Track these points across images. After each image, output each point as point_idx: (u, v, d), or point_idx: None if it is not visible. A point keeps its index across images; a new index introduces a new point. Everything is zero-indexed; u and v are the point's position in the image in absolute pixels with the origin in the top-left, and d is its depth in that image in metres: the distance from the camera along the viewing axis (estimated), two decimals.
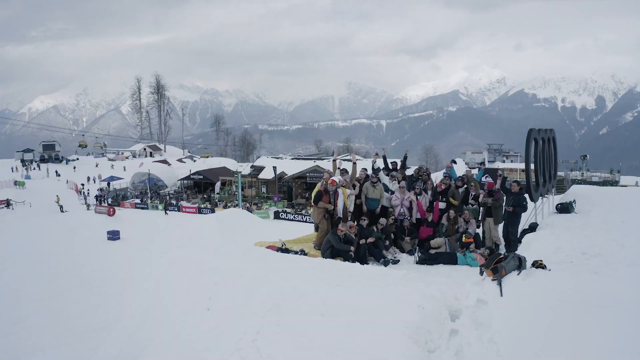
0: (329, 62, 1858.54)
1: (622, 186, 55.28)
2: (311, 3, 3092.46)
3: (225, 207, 50.63)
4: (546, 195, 12.91)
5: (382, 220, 12.01)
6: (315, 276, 6.77)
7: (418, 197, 12.46)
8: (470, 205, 12.21)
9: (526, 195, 11.46)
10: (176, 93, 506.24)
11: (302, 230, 36.86)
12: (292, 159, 64.44)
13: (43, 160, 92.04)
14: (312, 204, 11.89)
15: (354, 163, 13.71)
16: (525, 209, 11.51)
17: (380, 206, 12.41)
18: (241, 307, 6.24)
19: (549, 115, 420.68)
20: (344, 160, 59.30)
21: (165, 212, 49.98)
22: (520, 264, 6.27)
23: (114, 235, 38.69)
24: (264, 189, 56.51)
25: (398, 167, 14.69)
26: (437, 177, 58.95)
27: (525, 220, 11.98)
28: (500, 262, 6.23)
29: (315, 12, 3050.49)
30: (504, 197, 11.83)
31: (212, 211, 47.74)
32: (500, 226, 11.93)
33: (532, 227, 11.21)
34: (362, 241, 11.31)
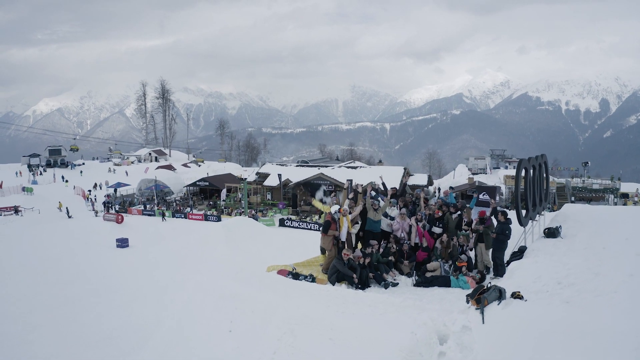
0: (333, 65, 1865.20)
1: (622, 193, 56.15)
2: (315, 6, 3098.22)
3: (230, 214, 51.50)
4: (536, 219, 13.81)
5: (373, 242, 13.07)
6: (323, 304, 7.73)
7: (418, 222, 13.49)
8: (463, 231, 13.22)
9: (511, 225, 12.46)
10: (180, 96, 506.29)
11: (306, 239, 38.10)
12: (297, 165, 65.30)
13: (49, 164, 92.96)
14: (322, 233, 12.87)
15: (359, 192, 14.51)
16: (508, 237, 12.50)
17: (380, 230, 13.46)
18: (259, 330, 7.19)
19: (553, 118, 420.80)
20: (348, 167, 60.41)
21: (163, 219, 50.71)
22: (500, 295, 7.22)
23: (122, 243, 39.24)
24: (269, 196, 57.40)
25: (398, 193, 15.59)
26: (440, 182, 59.69)
27: (515, 243, 12.93)
28: (483, 294, 7.19)
29: (319, 16, 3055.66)
30: (495, 225, 12.83)
31: (218, 218, 48.63)
32: (491, 250, 12.90)
33: (521, 250, 12.19)
34: (362, 254, 12.36)
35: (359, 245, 13.62)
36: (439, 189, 62.27)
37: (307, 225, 45.34)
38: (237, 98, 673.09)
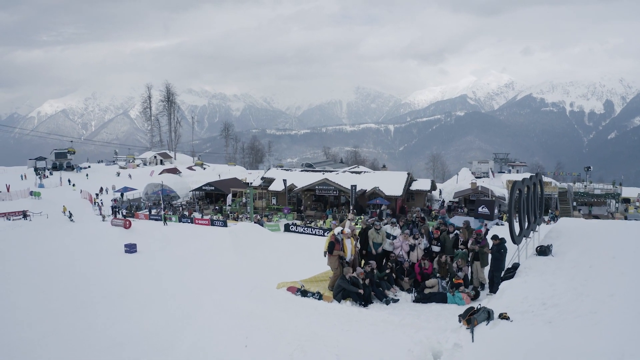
0: (337, 67, 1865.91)
1: (624, 199, 56.58)
2: (320, 8, 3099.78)
3: (236, 219, 52.24)
4: (530, 237, 14.56)
5: (372, 263, 13.98)
6: (330, 322, 8.54)
7: (417, 242, 14.40)
8: (460, 250, 14.05)
9: (506, 244, 13.26)
10: (184, 97, 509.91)
11: (311, 244, 38.84)
12: (302, 170, 66.08)
13: (55, 168, 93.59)
14: (327, 252, 13.72)
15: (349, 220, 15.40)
16: (504, 255, 13.32)
17: (382, 249, 14.36)
18: (272, 346, 7.97)
19: (557, 119, 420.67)
20: (352, 172, 61.15)
21: (165, 223, 51.51)
22: (489, 316, 8.01)
23: (131, 249, 39.80)
24: (274, 201, 58.21)
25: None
26: (444, 187, 60.19)
27: (510, 259, 13.69)
28: (473, 315, 7.97)
29: (323, 17, 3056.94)
30: (489, 244, 13.65)
31: (224, 223, 49.41)
32: (487, 268, 13.72)
33: (515, 267, 12.95)
34: (366, 273, 13.21)
35: (362, 262, 14.57)
36: (440, 192, 62.89)
37: (311, 231, 46.09)
38: (241, 99, 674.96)
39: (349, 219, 14.97)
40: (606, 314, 7.86)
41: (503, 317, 8.11)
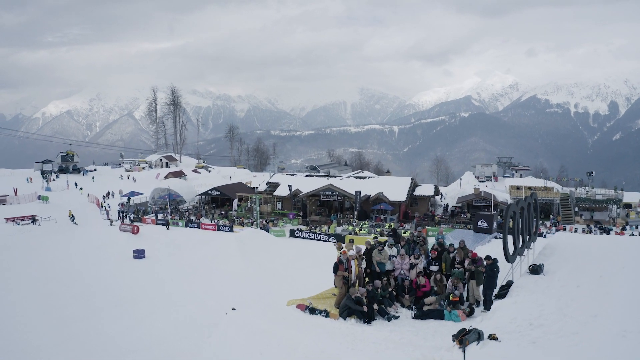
0: (342, 68, 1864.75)
1: (625, 204, 57.18)
2: (325, 9, 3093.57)
3: (242, 224, 53.02)
4: (524, 254, 15.38)
5: (377, 283, 14.93)
6: (336, 340, 9.42)
7: (417, 262, 15.39)
8: (457, 269, 14.98)
9: (498, 263, 14.17)
10: (189, 98, 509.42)
11: (315, 250, 39.71)
12: (306, 175, 66.97)
13: (61, 170, 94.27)
14: (333, 273, 14.67)
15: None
16: (496, 274, 14.22)
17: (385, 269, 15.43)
18: None
19: (562, 121, 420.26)
20: (357, 177, 62.00)
21: (167, 228, 52.38)
22: (479, 337, 8.86)
23: (139, 255, 40.40)
24: (279, 206, 59.14)
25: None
26: (447, 192, 60.80)
27: (504, 276, 14.54)
28: (465, 335, 8.84)
29: (328, 18, 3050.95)
30: (484, 265, 14.56)
31: (231, 229, 50.23)
32: (482, 286, 14.61)
33: (508, 285, 13.83)
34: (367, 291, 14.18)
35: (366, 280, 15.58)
36: (442, 196, 63.52)
37: (316, 236, 46.96)
38: (245, 101, 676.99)
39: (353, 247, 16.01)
40: (587, 335, 8.65)
41: (492, 337, 8.95)
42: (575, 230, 48.52)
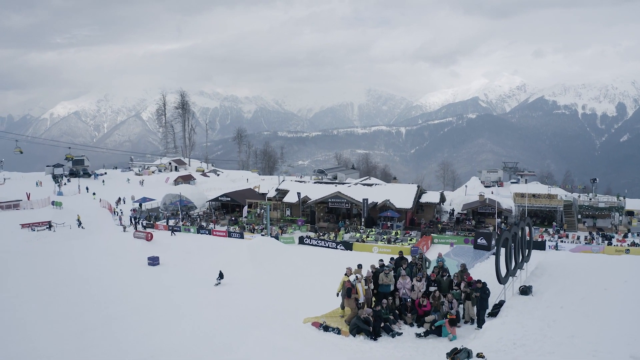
0: (349, 69, 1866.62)
1: (628, 211, 57.87)
2: (332, 11, 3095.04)
3: (252, 230, 54.33)
4: (516, 275, 16.74)
5: (384, 302, 16.49)
6: (347, 357, 10.81)
7: (418, 282, 16.95)
8: (454, 290, 16.56)
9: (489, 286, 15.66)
10: (197, 100, 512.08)
11: (324, 258, 41.01)
12: (315, 182, 68.36)
13: (72, 174, 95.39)
14: (346, 296, 16.30)
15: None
16: (487, 296, 15.64)
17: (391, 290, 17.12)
18: None
19: (570, 122, 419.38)
20: (364, 184, 63.32)
21: (172, 234, 53.85)
22: (469, 355, 10.22)
23: (154, 262, 41.62)
24: (288, 212, 60.53)
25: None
26: (453, 197, 61.95)
27: (497, 295, 15.94)
28: (457, 354, 10.20)
29: (335, 20, 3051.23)
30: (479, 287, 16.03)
31: (241, 235, 51.68)
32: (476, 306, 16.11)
33: (500, 304, 15.28)
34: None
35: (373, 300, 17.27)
36: (444, 201, 64.59)
37: (324, 244, 48.28)
38: (252, 102, 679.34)
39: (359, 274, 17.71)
40: (561, 355, 9.92)
41: (480, 356, 10.31)
42: (578, 238, 49.47)
